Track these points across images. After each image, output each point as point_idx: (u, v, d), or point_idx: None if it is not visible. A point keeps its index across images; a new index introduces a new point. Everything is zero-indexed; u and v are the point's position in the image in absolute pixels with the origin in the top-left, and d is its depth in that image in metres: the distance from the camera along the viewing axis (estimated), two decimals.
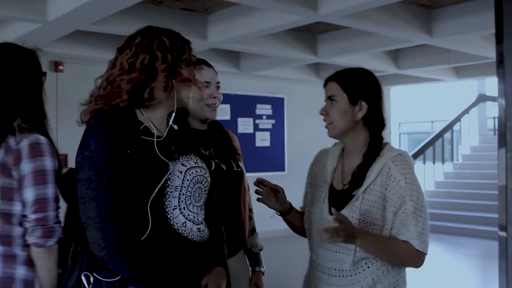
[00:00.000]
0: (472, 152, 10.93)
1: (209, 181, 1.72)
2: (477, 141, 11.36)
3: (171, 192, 1.58)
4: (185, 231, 1.60)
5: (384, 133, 1.90)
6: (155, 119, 1.65)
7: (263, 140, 8.77)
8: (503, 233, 3.25)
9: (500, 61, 3.25)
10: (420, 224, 1.73)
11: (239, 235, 2.23)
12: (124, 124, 1.57)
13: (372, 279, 1.77)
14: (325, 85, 1.91)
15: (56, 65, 6.68)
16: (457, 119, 10.95)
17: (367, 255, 1.76)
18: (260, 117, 8.80)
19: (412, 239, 1.73)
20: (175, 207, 1.59)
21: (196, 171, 1.66)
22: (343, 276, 1.79)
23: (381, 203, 1.76)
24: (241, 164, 2.30)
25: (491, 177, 8.42)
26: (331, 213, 1.78)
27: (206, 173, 1.71)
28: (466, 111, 11.13)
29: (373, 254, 1.75)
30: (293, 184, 10.27)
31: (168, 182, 1.57)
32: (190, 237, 1.60)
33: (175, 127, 1.71)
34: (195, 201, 1.65)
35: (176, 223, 1.58)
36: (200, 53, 7.71)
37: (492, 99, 11.00)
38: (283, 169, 9.03)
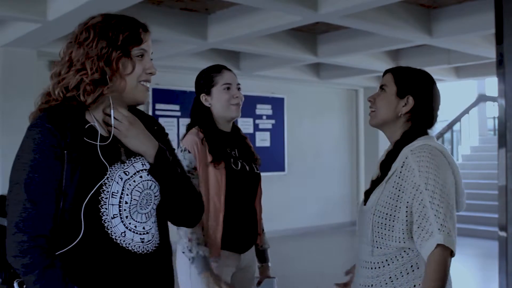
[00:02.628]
0: (472, 152, 10.93)
1: (157, 186, 1.56)
2: (477, 141, 11.37)
3: (106, 198, 1.46)
4: (123, 241, 1.48)
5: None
6: (101, 117, 1.54)
7: (263, 140, 8.77)
8: (503, 233, 3.25)
9: (500, 61, 3.24)
10: (441, 215, 1.65)
11: (254, 232, 2.42)
12: (66, 122, 1.46)
13: (390, 277, 1.76)
14: (383, 75, 1.96)
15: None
16: (457, 119, 10.95)
17: (386, 252, 1.76)
18: (260, 117, 8.80)
19: (434, 235, 1.64)
20: (115, 215, 1.47)
21: (141, 177, 1.53)
22: (367, 268, 1.82)
23: (396, 193, 1.76)
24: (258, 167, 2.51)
25: (491, 177, 8.43)
26: (365, 204, 1.87)
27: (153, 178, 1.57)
28: (466, 111, 11.13)
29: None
30: (293, 184, 10.31)
31: (103, 187, 1.45)
32: (130, 248, 1.48)
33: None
34: (140, 209, 1.51)
35: (115, 233, 1.46)
36: (200, 53, 7.73)
37: (492, 99, 11.01)
38: (283, 169, 9.03)
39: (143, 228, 1.52)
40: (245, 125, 8.54)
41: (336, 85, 9.51)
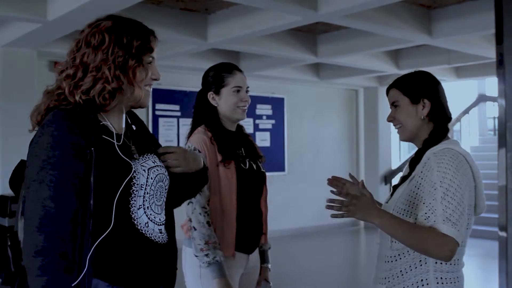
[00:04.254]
0: (472, 152, 10.92)
1: (169, 179, 1.65)
2: (477, 141, 11.37)
3: (136, 191, 1.52)
4: (147, 231, 1.54)
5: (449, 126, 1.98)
6: (112, 118, 1.58)
7: (263, 140, 8.77)
8: (503, 233, 3.25)
9: (500, 61, 3.25)
10: (449, 210, 1.67)
11: (260, 232, 2.41)
12: (84, 121, 1.47)
13: (400, 270, 1.81)
14: (387, 93, 2.00)
15: (56, 65, 6.69)
16: (457, 119, 10.95)
17: (401, 247, 1.80)
18: (260, 117, 8.80)
19: (437, 223, 1.66)
20: (140, 206, 1.53)
21: (157, 170, 1.60)
22: (386, 261, 1.87)
23: (415, 191, 1.81)
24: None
25: (491, 177, 8.41)
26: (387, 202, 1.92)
27: (165, 172, 1.64)
28: (466, 111, 11.13)
29: (394, 236, 1.73)
30: (293, 184, 10.29)
31: (133, 180, 1.51)
32: (152, 238, 1.55)
33: (134, 127, 1.67)
34: (157, 200, 1.59)
35: (140, 223, 1.53)
36: (200, 53, 7.73)
37: (492, 99, 11.01)
38: (283, 169, 9.03)
39: (159, 219, 1.59)
40: (245, 125, 8.45)
41: (336, 85, 9.51)
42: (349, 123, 10.02)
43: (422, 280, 1.77)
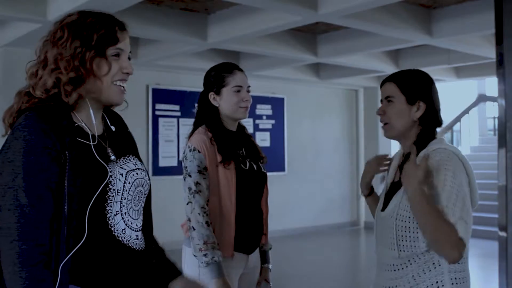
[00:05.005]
0: (472, 152, 10.93)
1: (149, 184, 1.60)
2: (477, 141, 11.37)
3: (112, 196, 1.45)
4: (124, 238, 1.48)
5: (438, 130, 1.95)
6: (85, 118, 1.50)
7: (263, 140, 8.77)
8: (503, 233, 3.25)
9: (500, 61, 3.25)
10: (457, 213, 1.69)
11: (260, 233, 2.41)
12: (58, 122, 1.41)
13: (412, 275, 1.79)
14: (381, 86, 1.95)
15: None
16: (457, 119, 10.95)
17: (411, 253, 1.78)
18: (260, 117, 8.80)
19: (456, 222, 1.67)
20: (117, 212, 1.47)
21: (137, 174, 1.54)
22: (391, 270, 1.84)
23: None
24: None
25: (491, 177, 8.42)
26: (382, 210, 1.89)
27: (146, 176, 1.59)
28: (466, 111, 11.13)
29: (417, 215, 1.70)
30: (293, 184, 10.28)
31: (109, 185, 1.44)
32: (129, 245, 1.49)
33: (113, 128, 1.60)
34: (134, 206, 1.52)
35: (117, 230, 1.46)
36: (200, 53, 7.71)
37: (492, 99, 11.01)
38: (283, 169, 9.03)
39: (136, 225, 1.54)
40: (245, 125, 8.52)
41: (336, 85, 9.51)
42: (349, 123, 10.02)
43: (437, 282, 1.76)
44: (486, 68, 8.11)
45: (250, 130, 8.48)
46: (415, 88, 1.88)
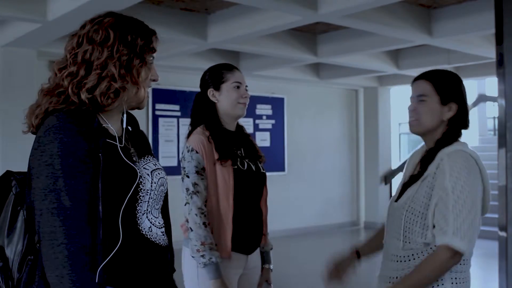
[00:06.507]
0: None
1: (167, 183, 1.64)
2: (477, 141, 11.37)
3: (143, 196, 1.48)
4: (152, 235, 1.51)
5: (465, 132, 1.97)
6: (111, 119, 1.51)
7: (263, 140, 8.76)
8: (503, 233, 3.25)
9: (500, 61, 3.25)
10: (460, 219, 1.72)
11: (260, 233, 2.41)
12: (90, 124, 1.41)
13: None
14: (413, 83, 1.96)
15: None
16: None
17: (413, 247, 1.82)
18: (260, 117, 8.79)
19: (448, 236, 1.72)
20: (144, 212, 1.50)
21: (159, 173, 1.57)
22: (396, 261, 1.87)
23: (429, 192, 1.82)
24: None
25: (491, 177, 8.38)
26: (396, 200, 1.93)
27: (165, 175, 1.61)
28: None
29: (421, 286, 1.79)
30: (293, 184, 10.28)
31: (140, 186, 1.46)
32: (157, 242, 1.53)
33: (130, 128, 1.61)
34: (156, 204, 1.56)
35: (144, 228, 1.49)
36: (200, 53, 7.72)
37: (492, 99, 11.01)
38: (283, 169, 9.03)
39: (159, 223, 1.57)
40: (245, 125, 8.41)
41: (336, 85, 9.51)
42: (349, 123, 10.02)
43: (437, 280, 1.80)
44: (486, 68, 8.10)
45: (250, 130, 8.54)
46: (450, 89, 1.90)
